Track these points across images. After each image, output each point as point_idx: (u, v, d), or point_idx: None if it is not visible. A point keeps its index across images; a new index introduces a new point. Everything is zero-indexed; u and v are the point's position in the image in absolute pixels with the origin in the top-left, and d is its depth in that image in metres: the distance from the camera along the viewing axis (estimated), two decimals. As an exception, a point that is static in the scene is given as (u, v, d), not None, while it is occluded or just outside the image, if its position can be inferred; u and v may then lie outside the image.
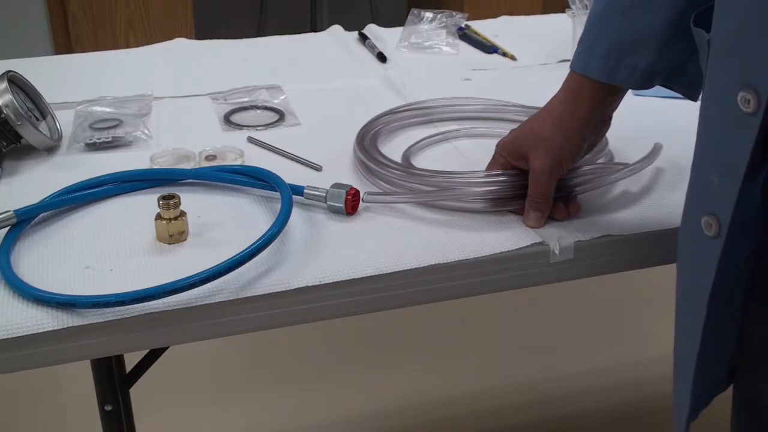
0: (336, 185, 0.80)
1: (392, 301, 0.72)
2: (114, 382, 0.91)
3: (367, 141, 0.90)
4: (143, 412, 1.10)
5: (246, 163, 0.90)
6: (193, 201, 0.81)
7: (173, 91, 1.12)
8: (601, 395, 1.73)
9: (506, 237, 0.76)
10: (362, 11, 3.13)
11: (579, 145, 0.76)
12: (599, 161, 0.86)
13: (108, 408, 0.92)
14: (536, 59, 1.27)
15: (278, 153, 0.93)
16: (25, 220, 0.76)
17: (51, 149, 0.93)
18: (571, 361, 1.83)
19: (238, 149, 0.93)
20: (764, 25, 0.50)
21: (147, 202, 0.81)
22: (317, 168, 0.89)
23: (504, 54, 1.29)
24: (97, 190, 0.82)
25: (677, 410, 0.67)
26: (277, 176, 0.81)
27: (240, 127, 1.01)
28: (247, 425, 1.63)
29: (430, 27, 1.35)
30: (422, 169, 0.83)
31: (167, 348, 0.79)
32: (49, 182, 0.84)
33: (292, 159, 0.92)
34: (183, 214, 0.74)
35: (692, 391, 0.64)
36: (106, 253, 0.73)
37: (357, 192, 0.79)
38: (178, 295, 0.65)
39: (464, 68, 1.23)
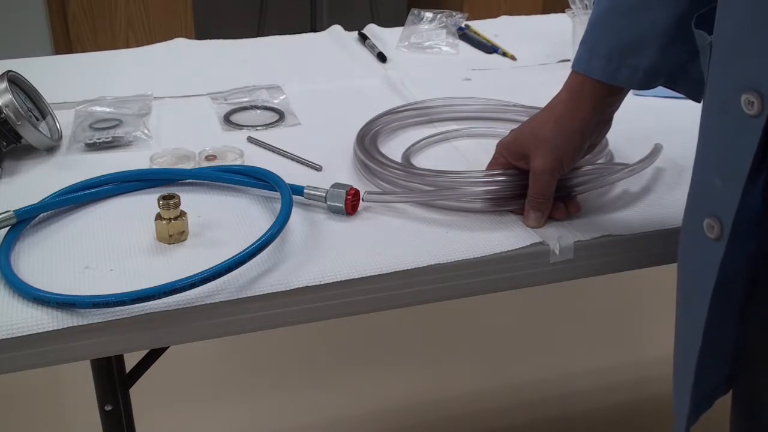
0: (336, 185, 0.80)
1: (392, 301, 0.72)
2: (114, 382, 0.91)
3: (367, 141, 0.90)
4: (143, 412, 1.10)
5: (246, 163, 0.90)
6: (193, 201, 0.81)
7: (173, 91, 1.12)
8: (601, 395, 1.73)
9: (506, 237, 0.76)
10: (362, 11, 3.13)
11: (580, 146, 0.76)
12: (599, 161, 0.86)
13: (108, 408, 0.92)
14: (536, 59, 1.27)
15: (278, 153, 0.93)
16: (25, 220, 0.75)
17: (51, 149, 0.93)
18: (571, 361, 1.83)
19: (238, 149, 0.93)
20: (767, 26, 0.50)
21: (147, 202, 0.81)
22: (317, 168, 0.89)
23: (504, 54, 1.29)
24: (97, 190, 0.82)
25: (677, 413, 0.67)
26: (277, 176, 0.81)
27: (240, 127, 1.01)
28: (246, 425, 1.63)
29: (430, 27, 1.35)
30: (422, 169, 0.83)
31: (167, 348, 0.78)
32: (49, 182, 0.84)
33: (292, 159, 0.92)
34: (183, 214, 0.74)
35: (692, 393, 0.64)
36: (106, 253, 0.73)
37: (357, 192, 0.79)
38: (178, 295, 0.65)
39: (464, 68, 1.23)
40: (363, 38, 1.34)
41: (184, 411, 1.66)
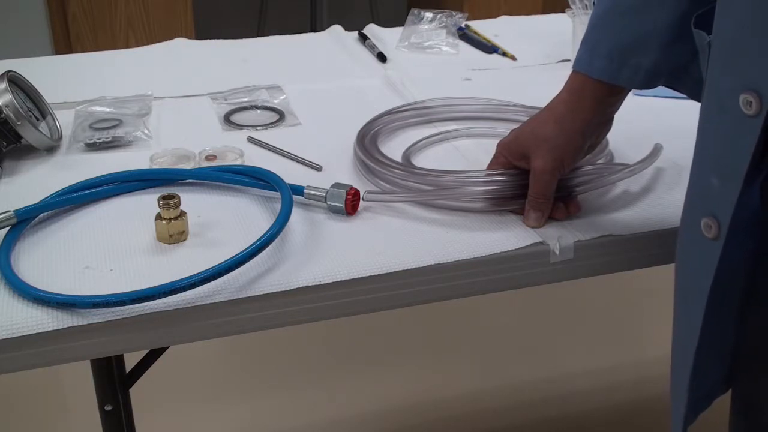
0: (336, 185, 0.80)
1: (392, 301, 0.72)
2: (114, 382, 0.91)
3: (367, 141, 0.90)
4: (143, 412, 1.10)
5: (246, 163, 0.90)
6: (193, 201, 0.81)
7: (173, 91, 1.12)
8: (601, 395, 1.73)
9: (506, 237, 0.76)
10: (362, 11, 3.13)
11: (580, 146, 0.76)
12: (599, 161, 0.86)
13: (108, 408, 0.92)
14: (536, 59, 1.27)
15: (278, 153, 0.93)
16: (25, 220, 0.75)
17: (51, 149, 0.93)
18: (571, 361, 1.83)
19: (238, 149, 0.93)
20: (767, 26, 0.50)
21: (147, 202, 0.81)
22: (317, 168, 0.89)
23: (504, 54, 1.29)
24: (97, 190, 0.82)
25: (674, 412, 0.67)
26: (277, 176, 0.81)
27: (240, 127, 1.01)
28: (246, 425, 1.63)
29: (430, 27, 1.35)
30: (422, 169, 0.83)
31: (167, 348, 0.79)
32: (49, 182, 0.84)
33: (292, 159, 0.92)
34: (183, 214, 0.74)
35: (689, 392, 0.64)
36: (106, 253, 0.73)
37: (357, 192, 0.79)
38: (178, 295, 0.65)
39: (464, 68, 1.23)
40: (363, 38, 1.34)
41: (184, 411, 1.66)
